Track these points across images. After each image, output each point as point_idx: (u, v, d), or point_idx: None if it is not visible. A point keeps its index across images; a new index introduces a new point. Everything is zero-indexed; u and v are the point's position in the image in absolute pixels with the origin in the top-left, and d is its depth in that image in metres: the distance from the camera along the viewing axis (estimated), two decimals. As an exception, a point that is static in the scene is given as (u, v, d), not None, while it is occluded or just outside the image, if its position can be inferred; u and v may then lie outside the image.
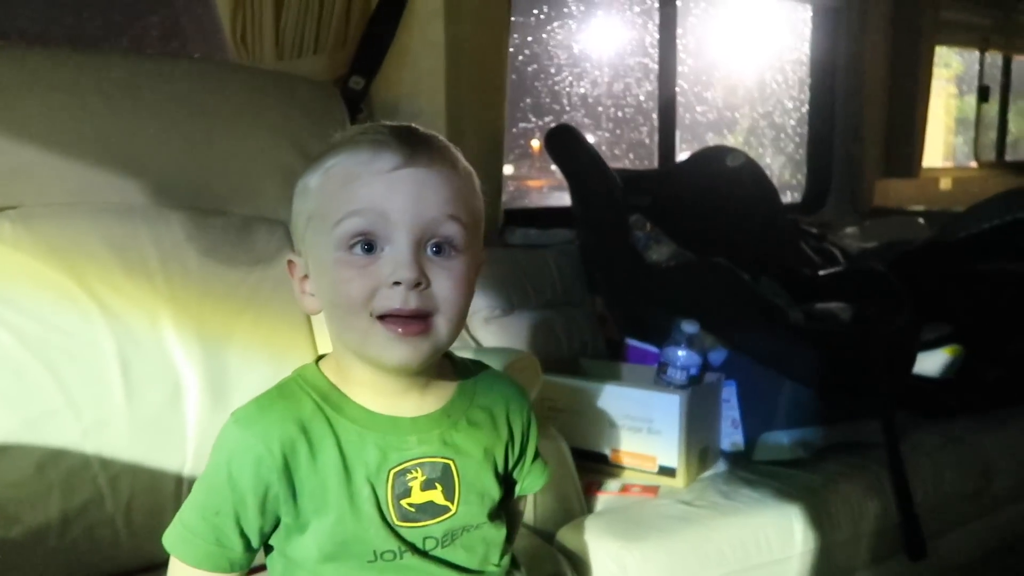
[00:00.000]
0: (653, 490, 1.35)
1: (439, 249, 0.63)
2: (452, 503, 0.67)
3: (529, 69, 2.41)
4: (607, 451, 1.43)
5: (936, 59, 3.06)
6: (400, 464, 0.66)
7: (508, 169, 2.54)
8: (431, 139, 0.66)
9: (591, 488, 1.35)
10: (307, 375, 0.68)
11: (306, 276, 0.68)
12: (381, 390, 0.67)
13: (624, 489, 1.36)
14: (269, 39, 1.45)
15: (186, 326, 1.09)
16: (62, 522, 0.97)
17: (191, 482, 1.06)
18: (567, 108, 2.54)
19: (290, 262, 0.69)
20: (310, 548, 0.65)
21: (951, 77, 4.27)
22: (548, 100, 2.49)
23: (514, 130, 2.37)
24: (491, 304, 1.66)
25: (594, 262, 1.84)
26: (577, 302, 1.84)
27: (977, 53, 3.81)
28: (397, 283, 0.61)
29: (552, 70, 2.48)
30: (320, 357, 0.71)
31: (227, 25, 1.45)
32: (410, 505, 0.66)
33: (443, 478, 0.67)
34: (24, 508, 0.95)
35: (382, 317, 0.62)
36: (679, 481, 1.37)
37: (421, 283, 0.62)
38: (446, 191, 0.64)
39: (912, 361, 1.65)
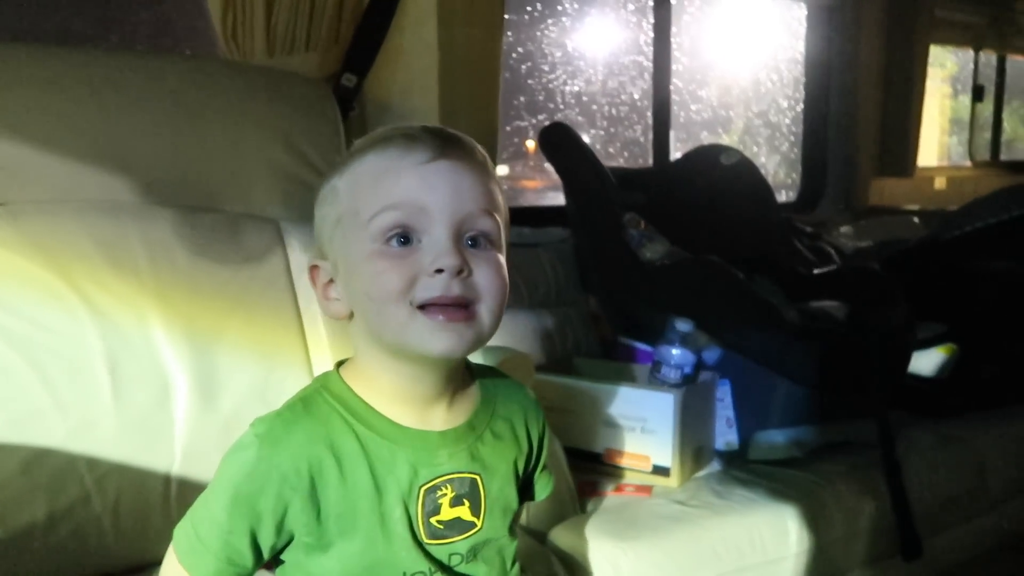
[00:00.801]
0: (647, 490, 1.34)
1: (474, 242, 0.63)
2: (478, 519, 0.66)
3: (523, 67, 2.40)
4: (601, 451, 1.42)
5: (930, 59, 3.07)
6: (431, 481, 0.64)
7: (503, 169, 2.53)
8: (461, 136, 0.66)
9: (585, 488, 1.35)
10: (331, 387, 0.66)
11: (330, 281, 0.66)
12: (410, 400, 0.65)
13: (618, 489, 1.35)
14: (260, 36, 1.44)
15: (175, 325, 1.08)
16: (48, 523, 0.95)
17: (179, 482, 1.05)
18: (561, 106, 2.53)
19: (313, 267, 0.67)
20: (333, 570, 0.63)
21: (945, 77, 4.27)
22: (542, 98, 2.48)
23: (508, 128, 2.36)
24: (484, 303, 1.65)
25: (588, 261, 1.83)
26: (571, 301, 1.83)
27: (971, 53, 3.81)
28: (439, 271, 0.60)
29: (546, 68, 2.47)
30: (340, 363, 0.68)
31: (218, 22, 1.44)
32: (439, 522, 0.64)
33: (470, 493, 0.66)
34: (9, 509, 0.94)
35: (422, 307, 0.61)
36: (673, 480, 1.36)
37: (464, 271, 0.61)
38: (481, 186, 0.63)
39: (907, 360, 1.65)
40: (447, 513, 0.65)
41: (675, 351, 1.40)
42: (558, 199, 1.97)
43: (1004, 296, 1.81)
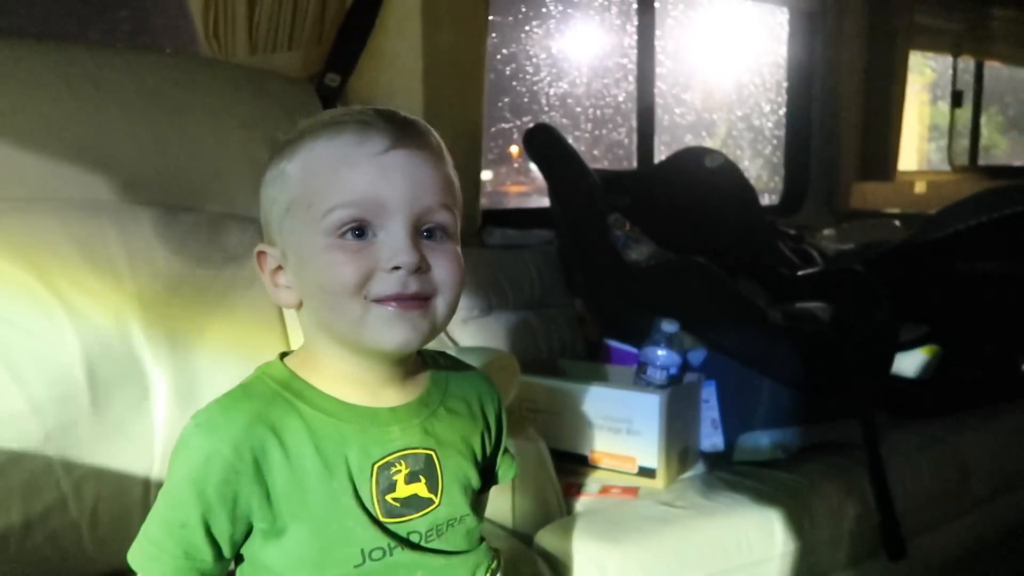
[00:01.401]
0: (633, 491, 1.34)
1: (430, 234, 0.62)
2: (436, 495, 0.65)
3: (507, 69, 2.40)
4: (586, 452, 1.41)
5: (909, 66, 3.10)
6: (383, 457, 0.63)
7: (486, 175, 2.52)
8: (415, 121, 0.64)
9: (570, 490, 1.34)
10: (272, 371, 0.65)
11: (279, 268, 0.65)
12: (359, 382, 0.64)
13: (604, 490, 1.35)
14: (242, 34, 1.43)
15: (154, 326, 1.06)
16: (24, 527, 0.93)
17: (159, 486, 1.02)
18: (546, 108, 2.53)
19: (260, 253, 0.66)
20: (291, 555, 0.61)
21: (924, 84, 4.32)
22: (527, 100, 2.48)
23: (492, 130, 2.36)
24: (469, 304, 1.64)
25: (573, 262, 1.83)
26: (556, 303, 1.83)
27: (950, 59, 3.86)
28: (396, 268, 0.59)
29: (530, 70, 2.47)
30: (284, 354, 0.67)
31: (199, 19, 1.42)
32: (395, 500, 0.63)
33: (426, 469, 0.65)
34: (-17, 513, 0.92)
35: (378, 300, 0.60)
36: (659, 482, 1.36)
37: (421, 267, 0.60)
38: (437, 177, 0.63)
39: (890, 361, 1.65)
40: (403, 490, 0.63)
41: (660, 352, 1.40)
42: (543, 203, 1.96)
43: (986, 297, 1.82)
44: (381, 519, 0.62)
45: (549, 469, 1.28)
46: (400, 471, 0.63)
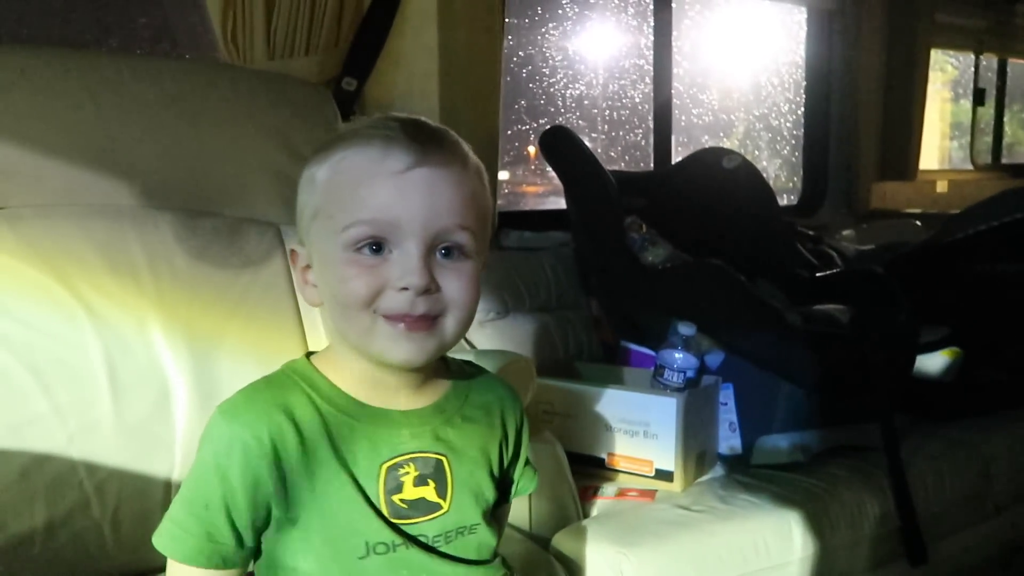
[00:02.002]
0: (650, 494, 1.33)
1: (447, 252, 0.63)
2: (444, 501, 0.66)
3: (524, 72, 2.40)
4: (603, 455, 1.41)
5: (931, 64, 3.06)
6: (392, 458, 0.65)
7: (504, 175, 2.52)
8: (442, 135, 0.65)
9: (587, 493, 1.34)
10: (297, 367, 0.67)
11: (308, 266, 0.67)
12: (375, 384, 0.66)
13: (620, 493, 1.34)
14: (260, 39, 1.44)
15: (174, 329, 1.07)
16: (47, 529, 0.95)
17: (179, 487, 1.04)
18: (562, 110, 2.53)
19: (293, 251, 0.69)
20: (300, 544, 0.63)
21: (946, 82, 4.27)
22: (543, 102, 2.47)
23: (509, 132, 2.35)
24: (486, 307, 1.64)
25: (589, 264, 1.82)
26: (572, 305, 1.82)
27: (972, 57, 3.81)
28: (404, 288, 0.61)
29: (547, 72, 2.47)
30: (310, 353, 0.69)
31: (217, 26, 1.43)
32: (402, 501, 0.65)
33: (435, 474, 0.66)
34: (8, 514, 0.93)
35: (386, 316, 0.62)
36: (676, 485, 1.35)
37: (430, 289, 0.62)
38: (458, 196, 0.63)
39: (911, 363, 1.64)
40: (410, 492, 0.65)
41: (678, 355, 1.39)
42: (559, 204, 1.96)
43: (1008, 299, 1.80)
44: (388, 517, 0.64)
45: (566, 472, 1.28)
46: (408, 473, 0.65)
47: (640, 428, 1.37)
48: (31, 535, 0.94)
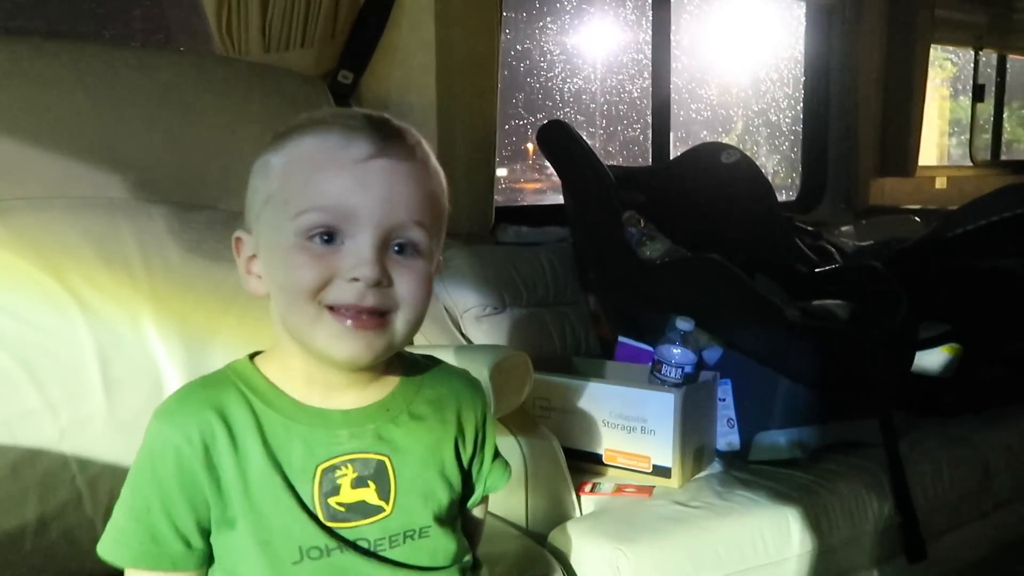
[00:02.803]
0: (647, 490, 1.33)
1: (401, 249, 0.61)
2: (387, 503, 0.64)
3: (521, 66, 2.39)
4: (600, 451, 1.40)
5: (930, 60, 3.05)
6: (328, 460, 0.63)
7: (501, 171, 2.51)
8: (404, 131, 0.63)
9: (584, 488, 1.33)
10: (236, 366, 0.66)
11: (253, 256, 0.65)
12: (317, 382, 0.64)
13: (618, 489, 1.34)
14: (255, 32, 1.43)
15: (168, 323, 1.06)
16: (39, 524, 0.94)
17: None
18: (560, 105, 2.52)
19: (238, 239, 0.66)
20: (237, 547, 0.62)
21: (945, 79, 4.27)
22: (541, 97, 2.47)
23: (506, 127, 2.35)
24: (482, 302, 1.63)
25: (587, 259, 1.82)
26: (570, 300, 1.82)
27: (971, 53, 3.80)
28: (355, 279, 0.59)
29: (544, 66, 2.46)
30: (256, 353, 0.68)
31: (212, 17, 1.43)
32: (339, 504, 0.62)
33: (376, 476, 0.64)
34: (-1, 510, 0.92)
35: (332, 308, 0.60)
36: (674, 481, 1.34)
37: (382, 282, 0.60)
38: (416, 192, 0.61)
39: (910, 359, 1.63)
40: (348, 495, 0.63)
41: (676, 350, 1.39)
42: (557, 200, 1.95)
43: (1008, 295, 1.79)
44: (323, 521, 0.62)
45: (563, 468, 1.27)
46: (346, 475, 0.63)
47: (638, 424, 1.36)
48: (23, 531, 0.93)
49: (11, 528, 0.92)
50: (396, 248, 0.61)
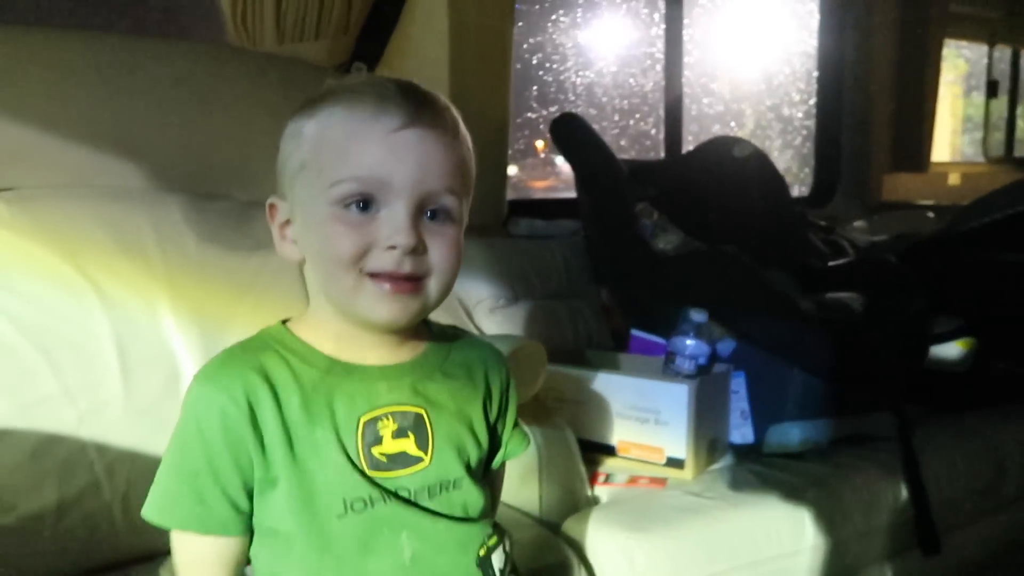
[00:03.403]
0: (661, 482, 1.33)
1: (434, 215, 0.63)
2: (425, 454, 0.65)
3: (534, 59, 2.39)
4: (614, 442, 1.40)
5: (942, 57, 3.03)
6: (370, 412, 0.64)
7: (511, 170, 2.51)
8: (435, 98, 0.65)
9: (597, 479, 1.33)
10: (271, 331, 0.67)
11: (288, 222, 0.66)
12: (352, 341, 0.65)
13: (631, 481, 1.33)
14: (270, 23, 1.44)
15: (184, 311, 1.07)
16: (58, 509, 0.95)
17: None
18: (572, 98, 2.51)
19: (272, 205, 0.67)
20: (280, 506, 0.62)
21: (958, 76, 4.24)
22: (553, 90, 2.46)
23: (519, 120, 2.34)
24: (495, 294, 1.63)
25: (600, 252, 1.81)
26: (582, 293, 1.81)
27: (985, 50, 3.77)
28: (393, 247, 0.61)
29: (557, 59, 2.46)
30: (286, 320, 0.68)
31: (227, 9, 1.43)
32: (382, 454, 0.64)
33: (415, 427, 0.65)
34: (19, 495, 0.93)
35: (372, 274, 0.61)
36: (687, 473, 1.34)
37: (417, 249, 0.62)
38: (448, 160, 0.63)
39: (925, 352, 1.62)
40: (390, 445, 0.64)
41: (689, 342, 1.38)
42: (569, 194, 1.95)
43: (1022, 289, 1.78)
44: (368, 471, 0.63)
45: (577, 458, 1.27)
46: (387, 426, 0.64)
47: (651, 415, 1.36)
48: (42, 515, 0.94)
49: (31, 513, 0.93)
50: (429, 215, 0.63)
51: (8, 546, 0.91)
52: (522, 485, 1.20)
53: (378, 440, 0.63)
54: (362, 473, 0.63)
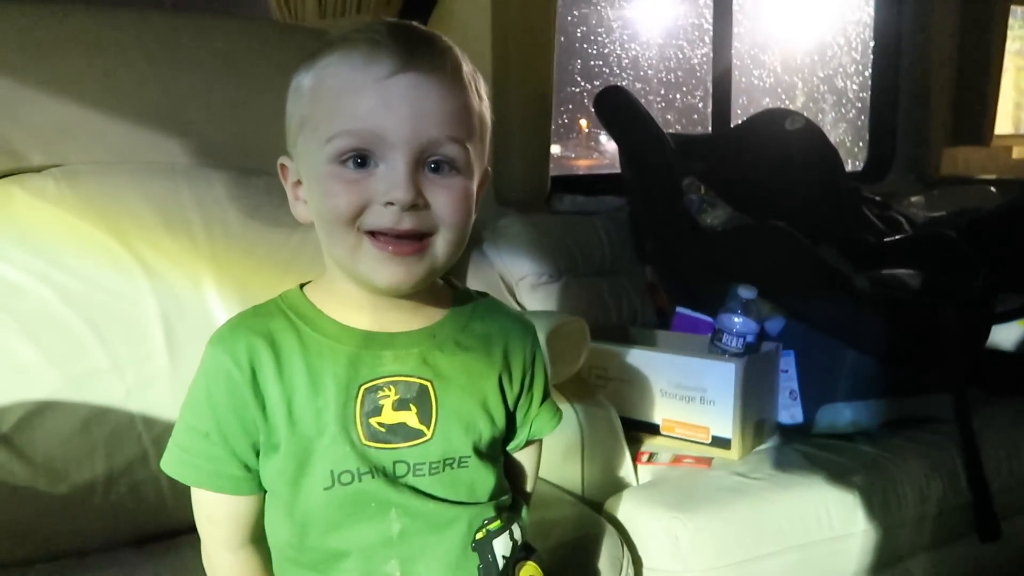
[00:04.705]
0: (706, 461, 1.30)
1: (437, 167, 0.59)
2: (427, 428, 0.63)
3: (578, 32, 2.34)
4: (658, 421, 1.38)
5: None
6: (372, 380, 0.62)
7: (554, 149, 2.48)
8: (432, 38, 0.61)
9: (641, 458, 1.31)
10: (287, 295, 0.66)
11: (299, 182, 0.64)
12: (364, 306, 0.63)
13: (676, 460, 1.31)
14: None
15: (228, 286, 1.08)
16: (107, 480, 0.97)
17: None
18: (617, 72, 2.46)
19: (282, 166, 0.66)
20: (278, 471, 0.62)
21: (1022, 47, 4.05)
22: (599, 63, 2.41)
23: (562, 94, 2.30)
24: (538, 271, 1.62)
25: (645, 228, 1.78)
26: (626, 270, 1.79)
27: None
28: (390, 203, 0.58)
29: (602, 32, 2.40)
30: (305, 284, 0.68)
31: (269, -16, 1.43)
32: (380, 424, 0.62)
33: (418, 399, 0.63)
34: (70, 465, 0.95)
35: (372, 233, 0.59)
36: (733, 453, 1.31)
37: (418, 204, 0.58)
38: (448, 104, 0.59)
39: (986, 332, 1.56)
40: (390, 416, 0.62)
41: (737, 319, 1.35)
42: (613, 171, 1.91)
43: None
44: (363, 440, 0.62)
45: (620, 437, 1.26)
46: (388, 396, 0.62)
47: (696, 394, 1.34)
48: (93, 485, 0.96)
49: (82, 482, 0.95)
50: (432, 166, 0.59)
51: (59, 515, 0.94)
52: (564, 463, 1.19)
53: (377, 410, 0.62)
54: (353, 445, 0.61)
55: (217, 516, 0.64)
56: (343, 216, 0.58)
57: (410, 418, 0.63)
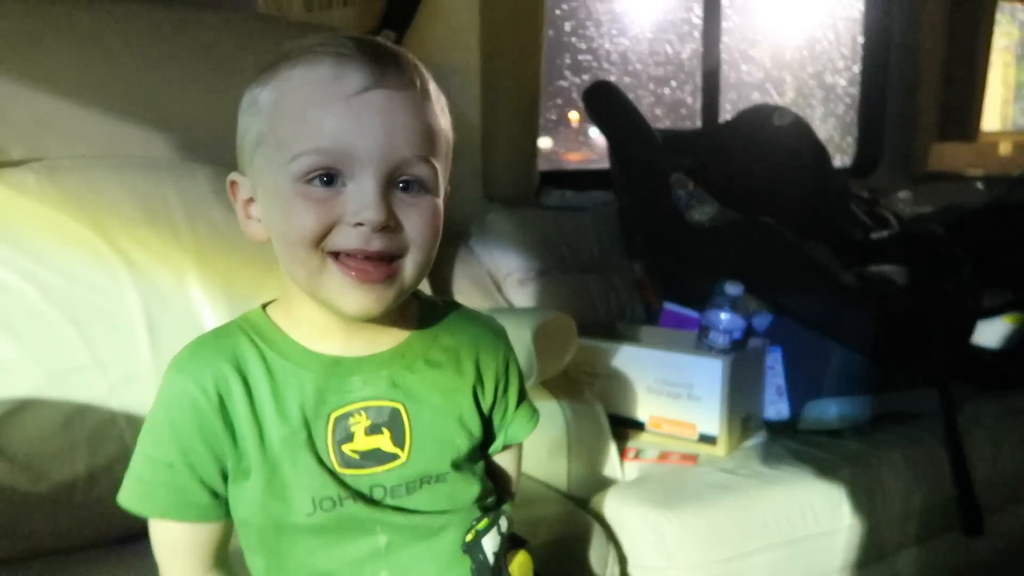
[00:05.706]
0: (692, 458, 1.30)
1: (407, 186, 0.58)
2: (402, 450, 0.62)
3: (567, 26, 2.33)
4: (645, 417, 1.38)
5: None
6: (342, 407, 0.61)
7: (544, 142, 2.47)
8: (400, 54, 0.59)
9: (627, 455, 1.31)
10: (249, 316, 0.64)
11: (251, 199, 0.61)
12: (327, 329, 0.61)
13: (662, 457, 1.31)
14: (298, -9, 1.42)
15: (212, 282, 1.07)
16: (89, 478, 0.96)
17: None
18: (606, 66, 2.45)
19: (233, 183, 0.62)
20: (251, 499, 0.60)
21: (1010, 43, 4.07)
22: (587, 58, 2.40)
23: (550, 88, 2.29)
24: (526, 266, 1.61)
25: (633, 224, 1.78)
26: (615, 266, 1.79)
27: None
28: (360, 224, 0.55)
29: (590, 25, 2.40)
30: (269, 302, 0.66)
31: (255, -24, 1.41)
32: (353, 452, 0.61)
33: (391, 423, 0.62)
34: (51, 463, 0.94)
35: (336, 255, 0.56)
36: (720, 449, 1.32)
37: (389, 225, 0.56)
38: (418, 123, 0.57)
39: (971, 327, 1.57)
40: (363, 442, 0.61)
41: (724, 315, 1.35)
42: (602, 165, 1.91)
43: (1078, 262, 1.70)
44: (337, 469, 0.60)
45: (606, 433, 1.25)
46: (359, 423, 0.61)
47: (683, 390, 1.34)
48: (73, 483, 0.95)
49: (63, 480, 0.94)
50: (401, 186, 0.57)
51: (40, 513, 0.93)
52: (550, 460, 1.19)
53: (349, 437, 0.61)
54: (331, 472, 0.60)
55: (180, 546, 0.62)
56: (308, 236, 0.56)
57: (383, 442, 0.61)
